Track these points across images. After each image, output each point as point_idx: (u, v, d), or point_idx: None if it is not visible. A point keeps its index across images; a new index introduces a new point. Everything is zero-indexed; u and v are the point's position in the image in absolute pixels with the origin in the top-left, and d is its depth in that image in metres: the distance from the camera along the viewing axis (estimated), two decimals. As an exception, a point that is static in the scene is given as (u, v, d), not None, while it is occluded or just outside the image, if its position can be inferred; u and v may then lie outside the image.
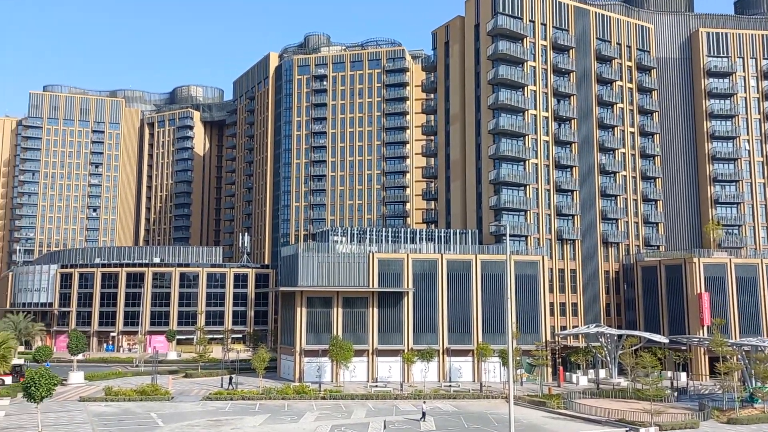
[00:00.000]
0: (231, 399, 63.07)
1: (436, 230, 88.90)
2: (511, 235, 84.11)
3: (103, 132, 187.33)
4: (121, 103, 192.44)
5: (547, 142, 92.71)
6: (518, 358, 73.60)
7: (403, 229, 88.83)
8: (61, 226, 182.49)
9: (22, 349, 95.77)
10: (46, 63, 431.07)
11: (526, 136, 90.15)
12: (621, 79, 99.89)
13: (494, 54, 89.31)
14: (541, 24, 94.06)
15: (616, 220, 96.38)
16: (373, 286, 77.54)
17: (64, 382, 69.63)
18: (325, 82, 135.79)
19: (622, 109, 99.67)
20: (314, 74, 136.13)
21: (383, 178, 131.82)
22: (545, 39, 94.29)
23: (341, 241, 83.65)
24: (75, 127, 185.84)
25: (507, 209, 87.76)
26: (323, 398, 63.89)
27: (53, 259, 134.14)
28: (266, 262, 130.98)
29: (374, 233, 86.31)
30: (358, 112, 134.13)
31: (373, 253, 78.81)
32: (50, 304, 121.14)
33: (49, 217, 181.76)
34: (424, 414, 52.96)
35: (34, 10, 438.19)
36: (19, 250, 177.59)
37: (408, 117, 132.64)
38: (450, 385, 71.47)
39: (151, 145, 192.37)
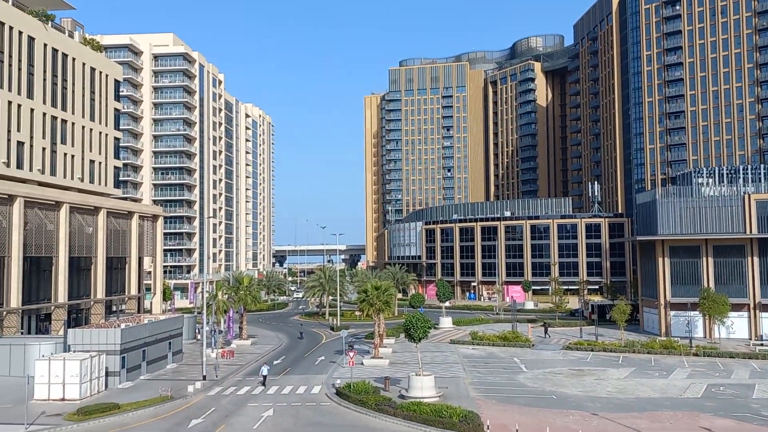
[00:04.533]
0: (592, 350, 61.62)
1: (838, 162, 72.16)
2: None
3: (451, 96, 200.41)
4: (465, 67, 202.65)
5: None
6: None
7: (788, 164, 74.36)
8: (422, 187, 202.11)
9: (400, 296, 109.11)
10: (400, 40, 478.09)
11: None
12: None
13: None
14: None
15: None
16: (750, 232, 66.85)
17: (436, 326, 76.93)
18: (678, 7, 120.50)
19: None
20: (664, 0, 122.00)
21: (758, 107, 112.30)
22: None
23: (707, 183, 74.23)
24: (427, 95, 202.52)
25: None
26: (695, 355, 57.96)
27: (418, 216, 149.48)
28: (619, 211, 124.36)
29: (749, 171, 74.23)
30: (722, 34, 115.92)
31: (749, 195, 67.79)
32: (419, 257, 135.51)
33: (412, 179, 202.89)
34: None
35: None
36: (391, 210, 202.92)
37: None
38: None
39: (495, 103, 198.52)
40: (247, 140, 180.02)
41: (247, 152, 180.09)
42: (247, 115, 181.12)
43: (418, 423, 34.99)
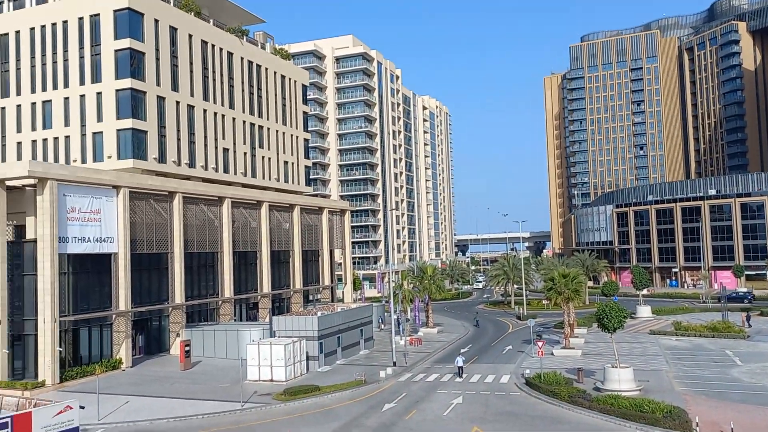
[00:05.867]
0: (824, 343, 53.65)
1: None
2: None
3: (641, 69, 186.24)
4: (655, 35, 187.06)
5: None
6: None
7: None
8: (611, 168, 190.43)
9: (590, 284, 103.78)
10: (580, 15, 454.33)
11: None
12: None
13: None
14: None
15: None
16: None
17: (632, 315, 72.05)
18: None
19: None
20: None
21: None
22: None
23: None
24: (613, 70, 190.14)
25: None
26: None
27: (608, 199, 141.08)
28: None
29: None
30: None
31: None
32: (610, 242, 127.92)
33: (599, 160, 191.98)
34: None
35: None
36: (577, 194, 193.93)
37: None
38: None
39: (691, 71, 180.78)
40: (425, 132, 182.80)
41: (425, 144, 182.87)
42: (424, 108, 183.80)
43: (616, 417, 32.87)
